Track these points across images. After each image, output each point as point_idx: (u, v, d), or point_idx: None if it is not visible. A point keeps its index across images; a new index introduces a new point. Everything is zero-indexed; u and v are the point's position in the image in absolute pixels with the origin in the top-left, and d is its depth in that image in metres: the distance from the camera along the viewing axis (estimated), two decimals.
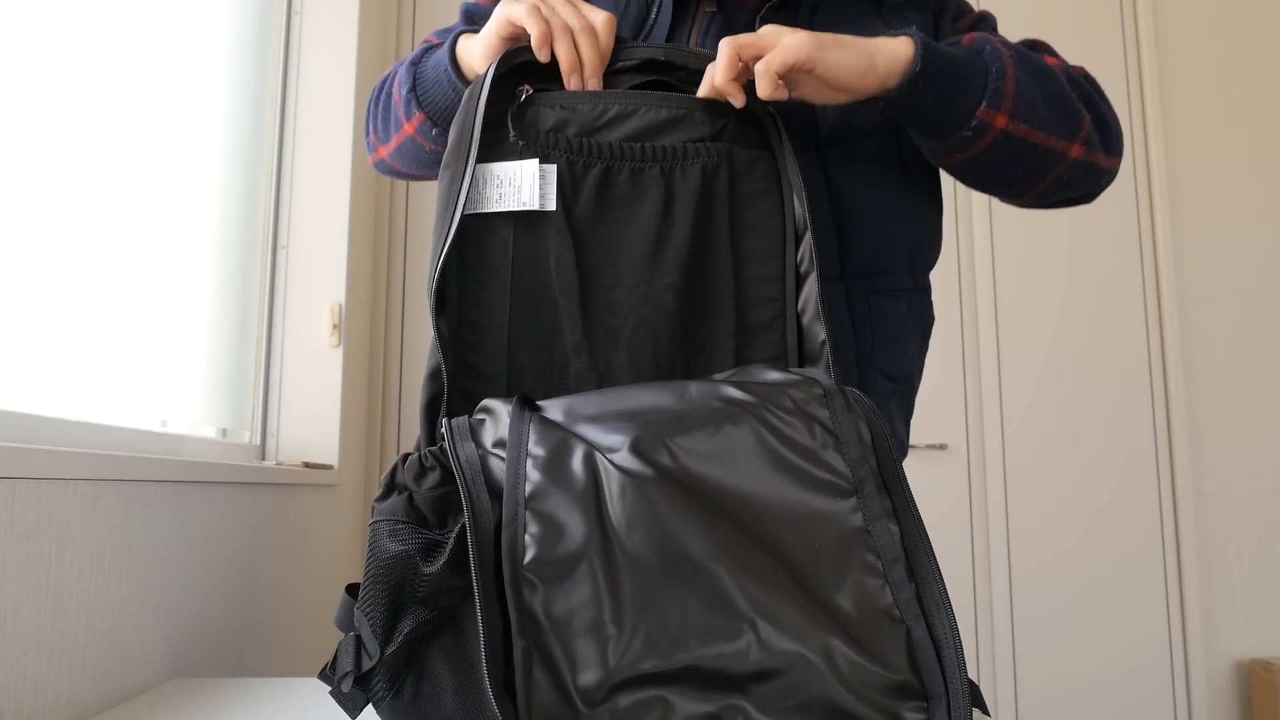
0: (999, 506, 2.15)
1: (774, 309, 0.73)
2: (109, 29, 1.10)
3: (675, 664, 0.52)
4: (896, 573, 0.56)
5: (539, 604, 0.53)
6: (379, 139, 0.89)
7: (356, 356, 1.90)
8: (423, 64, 0.82)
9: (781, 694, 0.52)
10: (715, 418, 0.59)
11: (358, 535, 1.95)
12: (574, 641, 0.52)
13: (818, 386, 0.62)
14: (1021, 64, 0.75)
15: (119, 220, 1.12)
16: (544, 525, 0.54)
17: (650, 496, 0.55)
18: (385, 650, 0.56)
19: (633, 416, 0.59)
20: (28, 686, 0.74)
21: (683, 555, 0.54)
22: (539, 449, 0.57)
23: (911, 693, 0.53)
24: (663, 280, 0.71)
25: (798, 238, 0.73)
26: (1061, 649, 2.11)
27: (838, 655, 0.53)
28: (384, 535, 0.57)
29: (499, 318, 0.70)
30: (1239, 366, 2.20)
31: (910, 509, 0.58)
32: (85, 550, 0.82)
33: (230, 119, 1.49)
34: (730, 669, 0.52)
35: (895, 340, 0.86)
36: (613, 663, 0.51)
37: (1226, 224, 2.24)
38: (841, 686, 0.52)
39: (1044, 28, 2.30)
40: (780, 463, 0.58)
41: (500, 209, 0.70)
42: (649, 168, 0.71)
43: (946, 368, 2.20)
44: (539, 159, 0.70)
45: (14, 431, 0.85)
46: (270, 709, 0.81)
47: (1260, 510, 2.15)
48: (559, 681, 0.51)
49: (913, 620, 0.55)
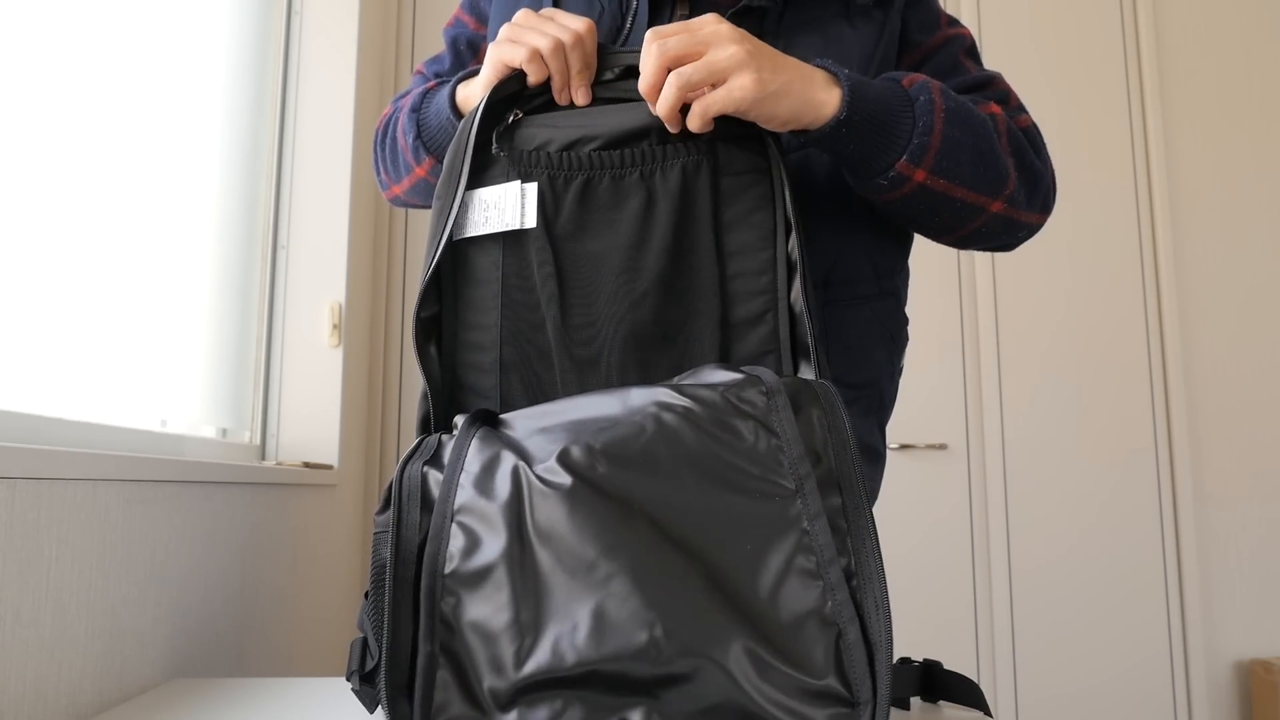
0: (999, 506, 2.15)
1: (764, 302, 0.71)
2: (109, 29, 1.10)
3: (581, 669, 0.52)
4: (833, 573, 0.55)
5: (453, 612, 0.56)
6: (391, 179, 0.93)
7: (356, 356, 1.90)
8: (424, 111, 0.85)
9: (688, 699, 0.52)
10: (647, 424, 0.59)
11: (358, 535, 1.96)
12: (484, 647, 0.54)
13: (761, 385, 0.61)
14: (953, 118, 0.74)
15: (119, 220, 1.12)
16: (468, 537, 0.57)
17: (567, 505, 0.56)
18: (383, 651, 0.58)
19: (573, 427, 0.60)
20: (27, 686, 0.74)
21: (593, 562, 0.54)
22: (474, 464, 0.60)
23: (834, 698, 0.52)
24: (643, 283, 0.71)
25: (789, 227, 0.72)
26: (1062, 649, 2.11)
27: (749, 659, 0.52)
28: (381, 544, 0.60)
29: (492, 334, 0.72)
30: (1239, 366, 2.20)
31: (861, 508, 0.57)
32: (85, 550, 0.82)
33: (230, 119, 1.49)
34: (635, 673, 0.52)
35: (855, 349, 0.84)
36: (520, 667, 0.53)
37: (1227, 224, 2.24)
38: (751, 690, 0.52)
39: (1044, 28, 2.30)
40: (711, 467, 0.57)
41: (487, 231, 0.72)
42: (629, 173, 0.71)
43: (946, 368, 2.20)
44: (521, 178, 0.72)
45: (14, 431, 0.85)
46: (270, 709, 0.81)
47: (1260, 510, 2.15)
48: (467, 685, 0.54)
49: (846, 622, 0.54)
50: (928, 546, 2.15)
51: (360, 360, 1.96)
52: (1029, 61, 2.29)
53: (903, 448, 2.17)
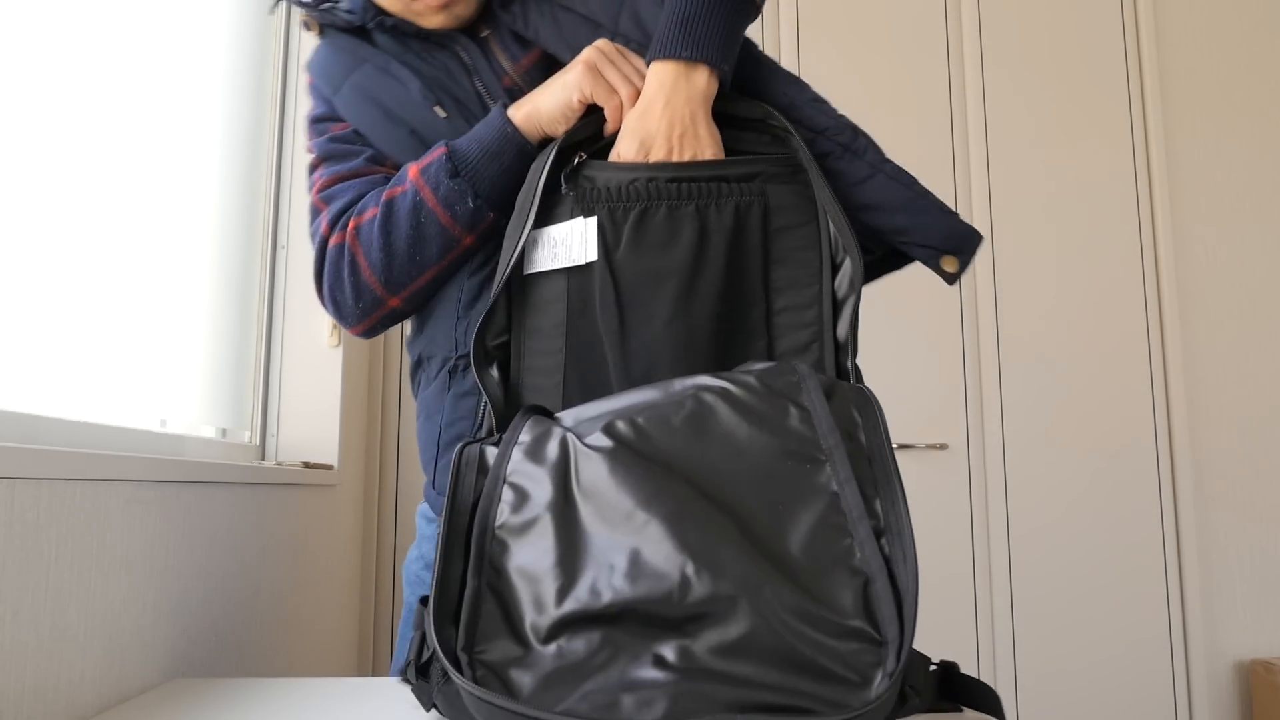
0: (999, 506, 2.15)
1: (809, 334, 0.77)
2: (109, 29, 1.10)
3: (618, 606, 0.56)
4: (862, 529, 0.59)
5: (502, 557, 0.61)
6: (386, 290, 0.85)
7: (356, 356, 1.90)
8: (473, 170, 0.82)
9: (719, 634, 0.55)
10: (686, 401, 0.65)
11: (357, 535, 1.96)
12: (528, 587, 0.59)
13: (794, 373, 0.67)
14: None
15: (119, 220, 1.12)
16: (517, 494, 0.63)
17: (611, 462, 0.62)
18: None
19: (619, 411, 0.66)
20: (27, 687, 0.74)
21: (630, 511, 0.59)
22: (526, 437, 0.67)
23: (862, 636, 0.55)
24: (699, 311, 0.75)
25: (835, 265, 0.77)
26: (1062, 649, 2.11)
27: (780, 599, 0.55)
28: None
29: (555, 360, 0.78)
30: (1239, 366, 2.20)
31: (890, 475, 0.62)
32: (85, 550, 0.82)
33: (230, 119, 1.48)
34: (669, 612, 0.56)
35: None
36: (561, 605, 0.57)
37: (1227, 223, 2.24)
38: (780, 627, 0.55)
39: (1044, 28, 2.30)
40: (746, 435, 0.63)
41: (555, 266, 0.78)
42: (684, 205, 0.76)
43: (946, 368, 2.20)
44: (584, 214, 0.77)
45: (14, 431, 0.85)
46: (270, 709, 0.81)
47: (1260, 510, 2.15)
48: (511, 621, 0.58)
49: (875, 572, 0.57)
50: (928, 547, 2.15)
51: (360, 360, 1.95)
52: (1029, 60, 2.29)
53: (902, 448, 2.17)
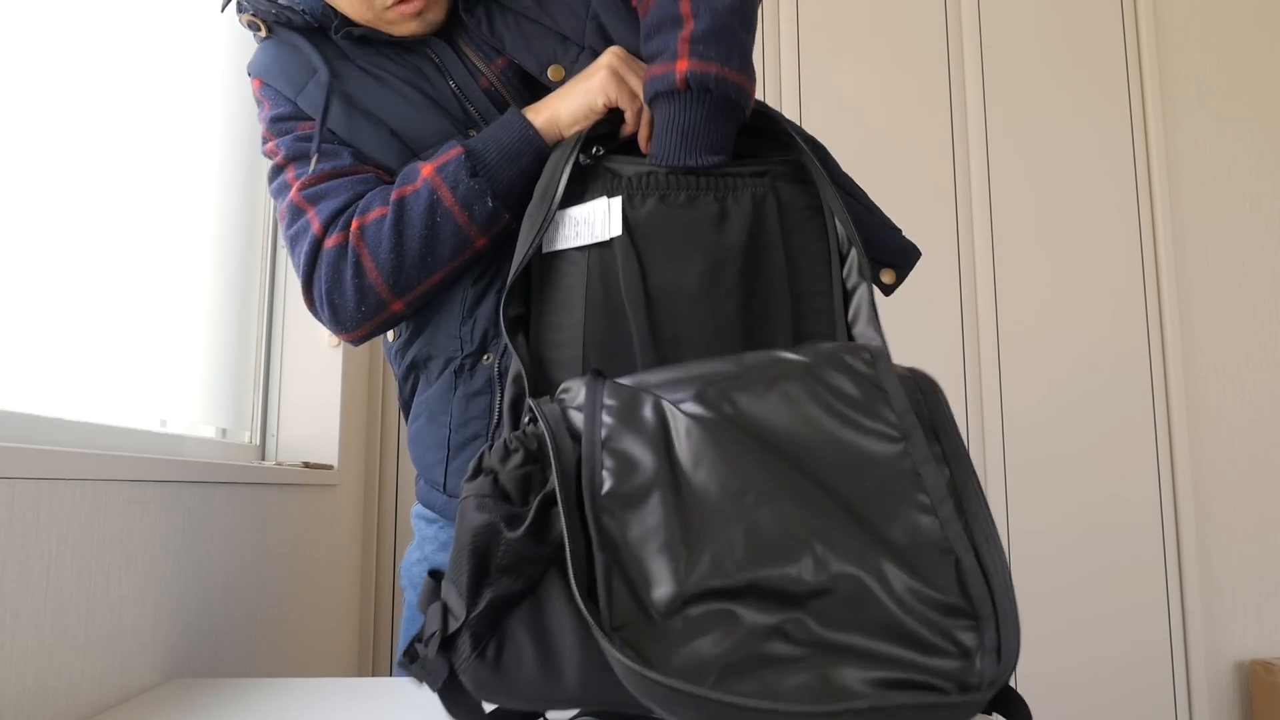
0: (999, 506, 2.15)
1: (827, 320, 0.79)
2: (109, 28, 1.10)
3: (739, 581, 0.57)
4: (945, 509, 0.60)
5: (616, 528, 0.59)
6: (391, 293, 0.85)
7: (356, 356, 1.90)
8: (491, 171, 0.83)
9: (838, 610, 0.56)
10: (769, 375, 0.65)
11: (358, 535, 1.96)
12: (648, 560, 0.58)
13: (866, 352, 0.68)
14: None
15: (119, 220, 1.12)
16: (619, 461, 0.61)
17: (713, 435, 0.61)
18: (470, 613, 0.60)
19: (695, 379, 0.66)
20: (27, 687, 0.74)
21: (744, 487, 0.59)
22: (612, 401, 0.65)
23: (962, 613, 0.57)
24: (724, 288, 0.76)
25: (843, 257, 0.79)
26: (1062, 649, 2.11)
27: (891, 577, 0.57)
28: (471, 508, 0.63)
29: (574, 332, 0.78)
30: (1239, 366, 2.20)
31: (961, 453, 0.63)
32: (85, 550, 0.82)
33: (230, 118, 1.49)
34: (790, 587, 0.56)
35: None
36: (683, 579, 0.57)
37: (1227, 223, 2.24)
38: (894, 604, 0.56)
39: (1044, 28, 2.30)
40: (831, 412, 0.63)
41: (578, 244, 0.79)
42: (703, 194, 0.78)
43: (946, 368, 2.20)
44: (607, 195, 0.79)
45: (14, 431, 0.85)
46: (270, 709, 0.81)
47: (1260, 510, 2.15)
48: (636, 594, 0.57)
49: (962, 551, 0.59)
50: None
51: (360, 360, 1.95)
52: (1029, 59, 2.29)
53: None
